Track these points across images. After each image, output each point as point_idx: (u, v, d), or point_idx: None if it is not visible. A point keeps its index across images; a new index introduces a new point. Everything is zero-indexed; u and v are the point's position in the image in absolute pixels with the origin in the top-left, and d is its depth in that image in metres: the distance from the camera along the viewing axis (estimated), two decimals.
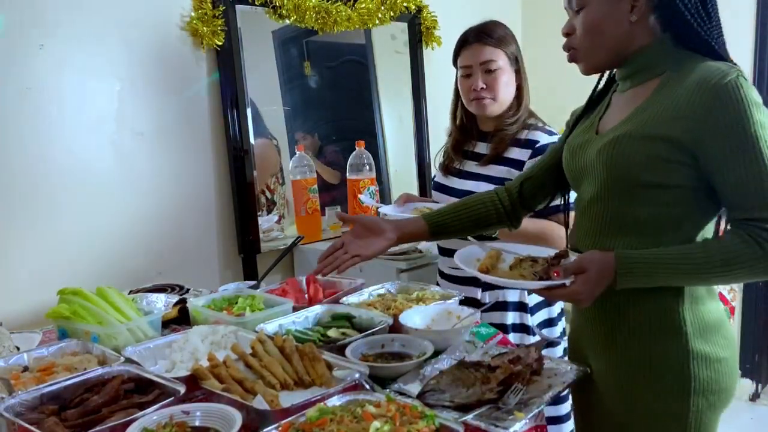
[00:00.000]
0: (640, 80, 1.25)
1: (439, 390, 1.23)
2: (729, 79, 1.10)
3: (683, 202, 1.19)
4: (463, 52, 1.94)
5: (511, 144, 1.92)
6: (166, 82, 2.29)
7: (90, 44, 2.11)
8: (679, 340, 1.21)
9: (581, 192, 1.35)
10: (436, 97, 3.05)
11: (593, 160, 1.26)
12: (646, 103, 1.21)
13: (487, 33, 1.91)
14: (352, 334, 1.53)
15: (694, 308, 1.22)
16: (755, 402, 3.30)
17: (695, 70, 1.16)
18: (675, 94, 1.16)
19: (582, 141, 1.34)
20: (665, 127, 1.15)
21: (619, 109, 1.29)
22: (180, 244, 2.37)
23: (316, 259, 1.51)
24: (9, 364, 1.41)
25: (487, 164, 1.94)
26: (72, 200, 2.10)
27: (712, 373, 1.22)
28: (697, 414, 1.22)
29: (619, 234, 1.24)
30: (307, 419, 1.09)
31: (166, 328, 1.70)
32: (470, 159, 2.00)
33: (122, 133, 2.21)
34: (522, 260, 1.30)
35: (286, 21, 2.53)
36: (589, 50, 1.26)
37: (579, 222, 1.35)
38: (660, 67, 1.22)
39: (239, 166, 2.44)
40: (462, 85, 1.97)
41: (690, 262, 1.15)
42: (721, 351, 1.23)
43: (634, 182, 1.20)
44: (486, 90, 1.90)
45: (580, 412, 1.47)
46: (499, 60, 1.90)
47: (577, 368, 1.34)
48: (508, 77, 1.92)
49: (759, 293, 3.23)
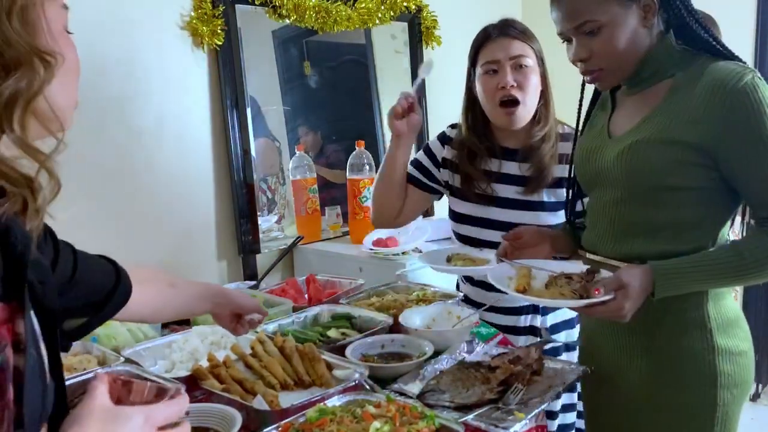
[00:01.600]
0: (651, 82, 1.24)
1: (439, 390, 1.23)
2: (745, 81, 1.11)
3: (702, 203, 1.20)
4: (487, 46, 1.67)
5: (556, 161, 1.68)
6: (166, 82, 2.28)
7: (89, 44, 2.10)
8: (704, 335, 1.23)
9: (596, 195, 1.34)
10: (436, 97, 3.04)
11: (611, 164, 1.26)
12: (661, 106, 1.21)
13: (512, 26, 1.68)
14: (352, 334, 1.53)
15: (716, 304, 1.24)
16: (755, 402, 3.30)
17: (707, 71, 1.16)
18: (690, 97, 1.16)
19: (595, 145, 1.33)
20: (684, 131, 1.15)
21: (630, 111, 1.28)
22: (180, 244, 2.36)
23: (316, 259, 1.51)
24: None
25: (537, 190, 1.68)
26: (71, 200, 2.10)
27: (735, 366, 1.24)
28: (724, 408, 1.24)
29: (638, 236, 1.25)
30: (307, 419, 1.09)
31: (165, 328, 1.70)
32: (503, 183, 1.72)
33: (121, 133, 2.21)
34: (556, 278, 1.28)
35: (286, 21, 2.53)
36: (617, 69, 1.23)
37: (594, 225, 1.34)
38: (670, 69, 1.22)
39: (239, 166, 2.44)
40: (485, 84, 1.67)
41: (724, 266, 1.17)
42: (741, 344, 1.26)
43: (655, 186, 1.20)
44: (517, 89, 1.64)
45: (593, 413, 1.46)
46: (529, 56, 1.66)
47: (577, 368, 1.34)
48: (537, 79, 1.68)
49: (759, 294, 3.23)
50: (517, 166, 1.72)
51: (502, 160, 1.73)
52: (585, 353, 1.47)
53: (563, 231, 1.51)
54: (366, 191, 2.54)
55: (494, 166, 1.74)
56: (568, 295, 1.21)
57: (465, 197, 1.76)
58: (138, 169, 2.25)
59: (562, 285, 1.25)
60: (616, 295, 1.15)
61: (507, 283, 1.30)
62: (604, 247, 1.30)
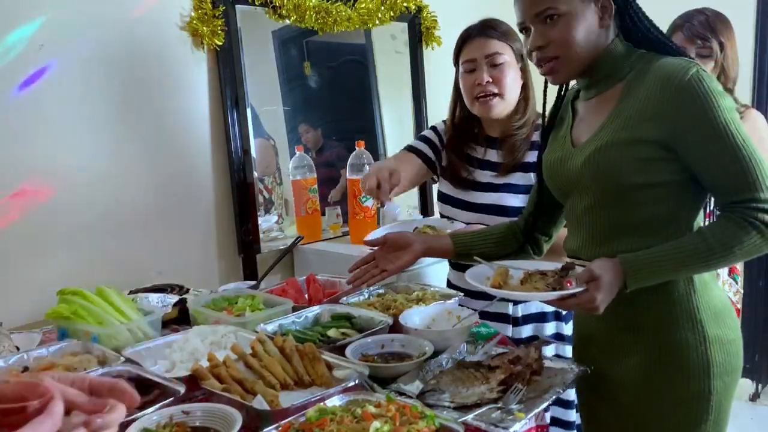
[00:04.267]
0: (606, 86, 1.29)
1: (439, 390, 1.23)
2: (690, 75, 1.15)
3: (674, 196, 1.24)
4: (466, 47, 1.83)
5: (528, 147, 1.83)
6: (166, 82, 2.28)
7: (89, 44, 2.11)
8: (695, 326, 1.26)
9: (571, 203, 1.37)
10: (436, 97, 3.05)
11: (578, 172, 1.29)
12: (617, 108, 1.25)
13: (491, 26, 1.81)
14: (352, 334, 1.53)
15: (704, 295, 1.27)
16: (755, 402, 3.30)
17: (653, 68, 1.21)
18: (640, 95, 1.21)
19: (560, 156, 1.37)
20: (640, 129, 1.20)
21: (590, 117, 1.32)
22: (180, 244, 2.37)
23: (316, 259, 1.53)
24: (9, 364, 1.41)
25: (507, 173, 1.84)
26: (72, 200, 2.10)
27: (726, 355, 1.27)
28: (717, 396, 1.26)
29: (618, 238, 1.28)
30: (307, 419, 1.09)
31: (166, 328, 1.70)
32: (484, 168, 1.89)
33: (122, 133, 2.21)
34: (531, 274, 1.32)
35: (286, 21, 2.53)
36: (571, 60, 1.27)
37: (574, 232, 1.39)
38: (623, 71, 1.27)
39: (239, 166, 2.44)
40: (465, 81, 1.84)
41: (691, 252, 1.19)
42: (730, 332, 1.29)
43: (625, 187, 1.24)
44: (492, 84, 1.78)
45: (588, 413, 1.47)
46: (505, 54, 1.79)
47: (578, 368, 1.34)
48: (515, 73, 1.81)
49: (759, 295, 3.23)
50: (496, 153, 1.89)
51: (486, 148, 1.90)
52: (579, 348, 1.49)
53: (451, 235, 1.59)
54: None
55: (479, 153, 1.91)
56: (542, 289, 1.25)
57: (448, 179, 1.94)
58: (138, 169, 2.25)
59: (536, 280, 1.29)
60: (588, 287, 1.18)
61: (484, 282, 1.34)
62: (585, 252, 1.34)
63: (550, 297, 1.23)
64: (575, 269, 1.28)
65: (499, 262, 1.41)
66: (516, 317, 1.87)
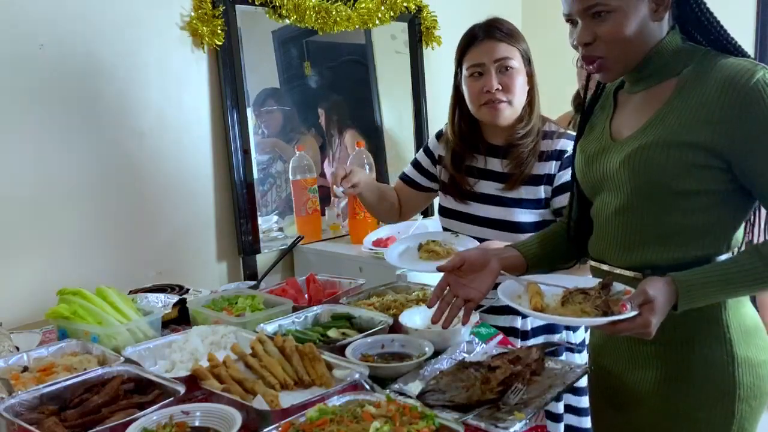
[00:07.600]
0: (656, 80, 1.19)
1: (439, 390, 1.23)
2: (756, 78, 1.06)
3: (715, 207, 1.15)
4: (472, 50, 1.70)
5: (536, 158, 1.70)
6: (166, 82, 2.28)
7: (89, 44, 2.11)
8: (723, 346, 1.18)
9: (601, 201, 1.27)
10: (436, 97, 3.05)
11: (616, 169, 1.20)
12: (669, 106, 1.15)
13: (498, 28, 1.69)
14: (352, 334, 1.53)
15: (735, 312, 1.19)
16: None
17: (716, 68, 1.12)
18: (700, 95, 1.11)
19: (598, 148, 1.27)
20: (696, 132, 1.10)
21: (634, 111, 1.23)
22: (180, 244, 2.36)
23: (316, 259, 1.51)
24: (9, 364, 1.41)
25: (516, 186, 1.70)
26: (72, 200, 2.10)
27: (755, 378, 1.19)
28: (741, 421, 1.19)
29: (648, 244, 1.19)
30: (307, 419, 1.09)
31: (166, 328, 1.70)
32: (486, 179, 1.76)
33: (122, 133, 2.21)
34: (572, 293, 1.18)
35: (286, 21, 2.53)
36: (621, 59, 1.17)
37: (601, 234, 1.29)
38: (677, 67, 1.17)
39: (239, 166, 2.44)
40: (471, 87, 1.70)
41: (747, 273, 1.10)
42: (761, 354, 1.21)
43: (665, 191, 1.15)
44: (502, 92, 1.66)
45: (602, 421, 1.41)
46: (514, 59, 1.68)
47: (578, 368, 1.34)
48: (523, 79, 1.70)
49: None
50: (499, 163, 1.76)
51: (487, 157, 1.78)
52: (594, 355, 1.40)
53: (514, 247, 1.41)
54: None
55: (480, 163, 1.79)
56: (591, 313, 1.12)
57: (449, 193, 1.83)
58: (138, 169, 2.25)
59: (580, 301, 1.16)
60: (641, 311, 1.07)
61: (518, 301, 1.22)
62: (612, 256, 1.25)
63: (602, 322, 1.10)
64: (613, 285, 1.18)
65: (527, 278, 1.29)
66: (525, 330, 1.78)
